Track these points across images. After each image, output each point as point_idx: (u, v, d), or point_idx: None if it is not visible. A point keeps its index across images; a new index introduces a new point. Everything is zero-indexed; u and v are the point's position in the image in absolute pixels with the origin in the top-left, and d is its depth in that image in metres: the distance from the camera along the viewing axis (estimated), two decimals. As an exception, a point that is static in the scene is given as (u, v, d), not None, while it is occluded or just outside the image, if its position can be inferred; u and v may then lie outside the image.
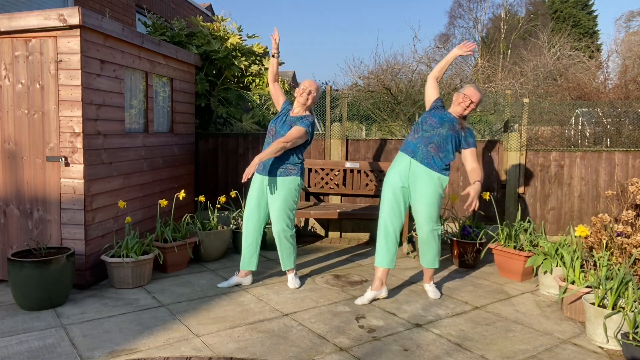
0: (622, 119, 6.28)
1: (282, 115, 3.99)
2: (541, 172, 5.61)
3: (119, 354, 2.82)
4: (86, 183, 3.82)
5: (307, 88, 3.92)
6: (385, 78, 7.70)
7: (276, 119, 3.97)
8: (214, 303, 3.65)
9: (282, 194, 3.85)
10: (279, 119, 3.97)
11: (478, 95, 3.73)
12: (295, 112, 3.96)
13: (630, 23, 22.99)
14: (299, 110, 3.95)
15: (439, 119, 3.73)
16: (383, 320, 3.36)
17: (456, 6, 30.94)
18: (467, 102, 3.70)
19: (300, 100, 3.91)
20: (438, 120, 3.72)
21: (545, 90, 9.11)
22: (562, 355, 2.87)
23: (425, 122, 3.75)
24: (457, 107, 3.75)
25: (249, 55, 6.36)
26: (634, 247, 3.65)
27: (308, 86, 3.93)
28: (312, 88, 3.94)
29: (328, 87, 5.95)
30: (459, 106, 3.73)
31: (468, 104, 3.71)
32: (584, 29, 28.01)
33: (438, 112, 3.80)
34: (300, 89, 3.95)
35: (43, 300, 3.44)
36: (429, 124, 3.73)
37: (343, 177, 5.73)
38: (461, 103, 3.72)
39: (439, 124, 3.70)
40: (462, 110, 3.73)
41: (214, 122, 6.31)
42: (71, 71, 3.70)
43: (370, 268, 4.64)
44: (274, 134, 3.91)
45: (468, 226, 4.75)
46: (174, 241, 4.41)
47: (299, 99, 3.92)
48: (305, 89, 3.92)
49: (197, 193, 6.02)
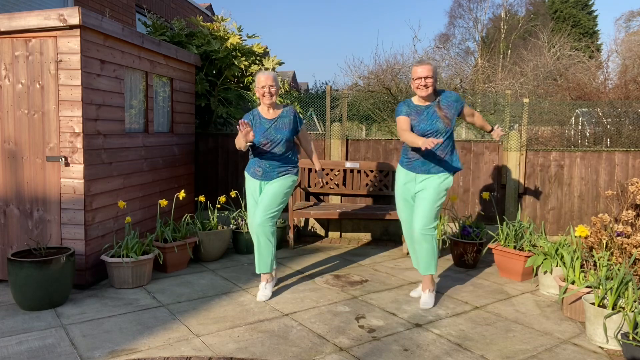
0: (622, 119, 6.29)
1: (262, 124, 3.71)
2: (541, 172, 5.61)
3: (119, 354, 2.81)
4: (86, 183, 3.82)
5: (266, 86, 3.63)
6: (385, 78, 7.70)
7: (258, 130, 3.69)
8: (214, 303, 3.65)
9: (277, 187, 3.72)
10: (261, 128, 3.69)
11: (427, 67, 3.46)
12: (270, 113, 3.74)
13: (630, 23, 23.02)
14: (274, 107, 3.75)
15: (428, 124, 3.52)
16: (383, 320, 3.36)
17: (456, 6, 30.95)
18: (422, 83, 3.46)
19: (267, 102, 3.68)
20: (428, 124, 3.52)
21: (545, 90, 9.11)
22: (562, 355, 2.87)
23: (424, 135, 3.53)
24: (420, 93, 3.50)
25: (249, 55, 6.36)
26: (634, 247, 3.65)
27: (265, 82, 3.63)
28: (270, 82, 3.64)
29: (328, 87, 5.95)
30: (418, 90, 3.50)
31: (424, 84, 3.46)
32: (584, 29, 28.02)
33: (419, 118, 3.55)
34: (260, 89, 3.66)
35: (43, 300, 3.44)
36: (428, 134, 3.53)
37: (343, 177, 5.73)
38: (418, 87, 3.49)
39: (432, 128, 3.51)
40: (425, 93, 3.48)
41: (214, 122, 6.31)
42: (71, 71, 3.70)
43: (371, 268, 4.64)
44: (270, 145, 3.67)
45: (468, 226, 4.75)
46: (174, 241, 4.41)
47: (264, 100, 3.67)
48: (265, 89, 3.64)
49: (197, 193, 6.02)
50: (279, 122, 3.73)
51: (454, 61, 10.03)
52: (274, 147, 3.70)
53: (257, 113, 3.79)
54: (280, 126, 3.72)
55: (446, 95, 3.61)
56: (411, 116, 3.57)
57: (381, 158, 5.87)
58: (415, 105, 3.60)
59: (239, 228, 5.09)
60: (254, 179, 3.80)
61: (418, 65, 3.52)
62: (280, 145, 3.71)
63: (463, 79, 8.33)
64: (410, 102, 3.64)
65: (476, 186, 5.71)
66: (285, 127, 3.73)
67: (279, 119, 3.74)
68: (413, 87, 3.55)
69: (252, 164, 3.81)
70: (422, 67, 3.48)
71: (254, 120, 3.75)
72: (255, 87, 3.74)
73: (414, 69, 3.55)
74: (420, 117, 3.55)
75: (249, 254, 5.10)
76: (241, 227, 5.08)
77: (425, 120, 3.53)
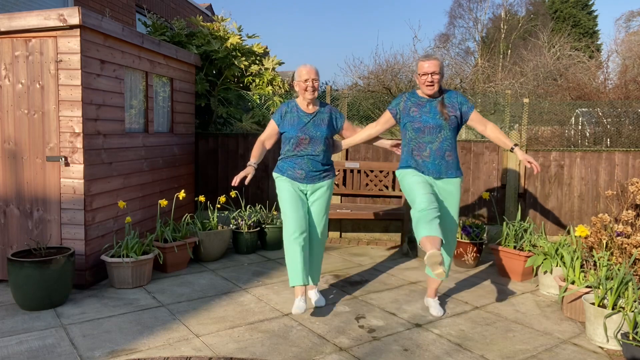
0: (622, 119, 6.28)
1: (301, 117, 3.48)
2: (541, 172, 5.61)
3: (119, 354, 2.81)
4: (86, 183, 3.82)
5: (309, 79, 3.42)
6: (385, 78, 7.70)
7: (296, 124, 3.46)
8: (214, 303, 3.65)
9: (328, 196, 3.57)
10: (299, 122, 3.46)
11: (435, 63, 3.26)
12: (310, 108, 3.52)
13: (630, 23, 23.00)
14: (313, 103, 3.54)
15: (430, 119, 3.32)
16: (383, 320, 3.36)
17: (456, 6, 30.91)
18: (430, 79, 3.26)
19: (309, 97, 3.44)
20: (424, 122, 3.32)
21: (545, 90, 9.11)
22: (562, 355, 2.87)
23: (422, 131, 3.33)
24: (426, 90, 3.32)
25: (249, 55, 6.36)
26: (634, 247, 3.65)
27: (308, 75, 3.42)
28: (313, 76, 3.44)
29: (328, 87, 5.95)
30: (424, 87, 3.32)
31: (430, 80, 3.27)
32: (584, 29, 28.01)
33: (421, 111, 3.35)
34: (302, 83, 3.44)
35: (43, 300, 3.44)
36: (427, 132, 3.33)
37: (343, 177, 5.73)
38: (425, 83, 3.29)
39: (435, 128, 3.31)
40: (432, 91, 3.30)
41: (214, 122, 6.31)
42: (71, 71, 3.70)
43: (371, 268, 4.64)
44: (308, 141, 3.44)
45: (468, 226, 4.75)
46: (174, 241, 4.41)
47: (306, 95, 3.44)
48: (307, 82, 3.42)
49: (197, 193, 6.02)
50: (318, 118, 3.50)
51: (454, 61, 10.03)
52: (313, 144, 3.45)
53: (294, 105, 3.53)
54: (318, 122, 3.49)
55: (451, 94, 3.43)
56: (412, 109, 3.38)
57: (381, 158, 5.87)
58: (418, 96, 3.41)
59: (239, 228, 5.09)
60: (296, 181, 3.48)
61: (425, 60, 3.30)
62: (319, 142, 3.46)
63: (463, 79, 8.33)
64: (415, 92, 3.46)
65: (476, 186, 5.71)
66: (323, 124, 3.50)
67: (317, 115, 3.51)
68: (419, 83, 3.35)
69: (290, 166, 3.48)
70: (429, 62, 3.26)
71: (290, 112, 3.50)
72: (295, 80, 3.48)
73: (420, 63, 3.33)
74: (422, 109, 3.35)
75: (249, 254, 5.10)
76: (241, 227, 5.08)
77: (428, 113, 3.33)
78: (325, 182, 3.54)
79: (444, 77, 3.35)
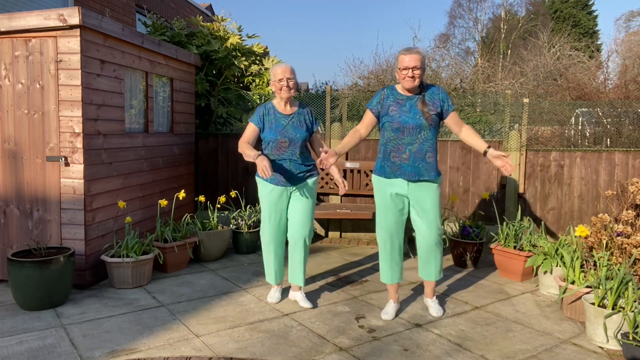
0: (622, 119, 6.28)
1: (278, 119, 3.45)
2: (541, 172, 5.61)
3: (119, 354, 2.81)
4: (86, 183, 3.82)
5: (284, 78, 3.37)
6: (385, 78, 7.70)
7: (274, 127, 3.43)
8: (214, 303, 3.65)
9: (312, 195, 3.57)
10: (277, 125, 3.44)
11: (416, 57, 3.13)
12: (287, 109, 3.49)
13: (630, 23, 23.03)
14: (291, 104, 3.51)
15: (410, 119, 3.20)
16: (383, 320, 3.36)
17: (456, 6, 30.94)
18: (410, 74, 3.14)
19: (284, 96, 3.41)
20: (407, 119, 3.20)
21: (545, 90, 9.11)
22: (562, 355, 2.87)
23: (402, 132, 3.22)
24: (406, 84, 3.19)
25: (249, 55, 6.36)
26: (634, 247, 3.65)
27: (283, 75, 3.36)
28: (288, 75, 3.37)
29: (328, 87, 5.95)
30: (404, 81, 3.19)
31: (411, 75, 3.15)
32: (584, 29, 28.02)
33: (400, 110, 3.24)
34: (277, 82, 3.39)
35: (43, 300, 3.44)
36: (407, 133, 3.23)
37: (343, 177, 5.73)
38: (405, 78, 3.17)
39: (415, 127, 3.20)
40: (411, 85, 3.18)
41: (214, 122, 6.31)
42: (71, 71, 3.70)
43: (370, 268, 4.64)
44: (288, 144, 3.42)
45: (468, 226, 4.75)
46: (174, 241, 4.41)
47: (282, 94, 3.40)
48: (282, 82, 3.37)
49: (197, 193, 6.02)
50: (296, 119, 3.48)
51: (454, 61, 10.02)
52: (292, 146, 3.44)
53: (271, 107, 3.49)
54: (297, 124, 3.47)
55: (433, 91, 3.28)
56: (391, 107, 3.25)
57: (381, 158, 5.86)
58: (398, 93, 3.28)
59: (239, 228, 5.09)
60: (278, 186, 3.48)
61: (406, 53, 3.16)
62: (299, 144, 3.45)
63: (463, 79, 8.33)
64: (394, 88, 3.32)
65: (476, 186, 5.71)
66: (302, 126, 3.48)
67: (295, 116, 3.48)
68: (399, 77, 3.22)
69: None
70: (410, 56, 3.13)
71: (268, 115, 3.46)
72: (271, 81, 3.46)
73: (400, 57, 3.18)
74: (401, 108, 3.23)
75: (249, 254, 5.10)
76: (241, 227, 5.08)
77: (407, 113, 3.21)
78: (310, 180, 3.56)
79: (425, 71, 3.25)
